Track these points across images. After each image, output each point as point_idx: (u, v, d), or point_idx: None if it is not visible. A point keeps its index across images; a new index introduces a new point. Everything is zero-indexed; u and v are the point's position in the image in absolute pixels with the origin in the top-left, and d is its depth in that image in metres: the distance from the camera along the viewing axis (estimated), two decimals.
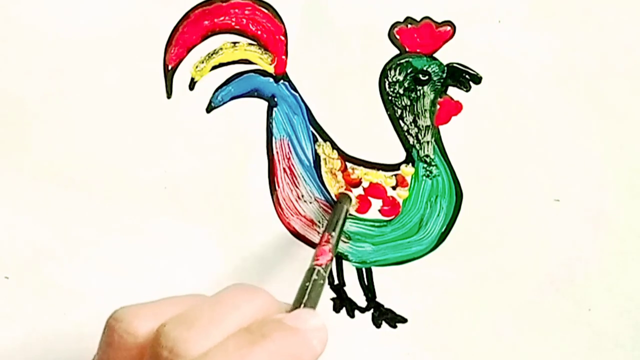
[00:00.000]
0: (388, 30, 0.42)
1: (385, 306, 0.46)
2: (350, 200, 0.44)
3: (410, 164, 0.44)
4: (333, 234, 0.40)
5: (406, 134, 0.43)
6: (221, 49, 0.43)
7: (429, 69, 0.42)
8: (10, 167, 0.45)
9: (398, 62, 0.42)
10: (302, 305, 0.34)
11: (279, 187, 0.45)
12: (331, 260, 0.38)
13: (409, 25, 0.42)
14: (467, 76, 0.42)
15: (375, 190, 0.44)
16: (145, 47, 0.43)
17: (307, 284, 0.35)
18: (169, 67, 0.44)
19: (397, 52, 0.42)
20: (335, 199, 0.45)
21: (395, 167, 0.44)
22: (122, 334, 0.31)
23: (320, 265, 0.37)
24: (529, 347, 0.46)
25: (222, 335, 0.30)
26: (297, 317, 0.32)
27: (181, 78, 0.44)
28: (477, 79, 0.42)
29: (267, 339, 0.30)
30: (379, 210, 0.45)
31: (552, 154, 0.43)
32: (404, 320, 0.46)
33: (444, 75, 0.42)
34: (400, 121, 0.43)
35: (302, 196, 0.45)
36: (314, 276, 0.36)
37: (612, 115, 0.42)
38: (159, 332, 0.30)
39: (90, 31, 0.43)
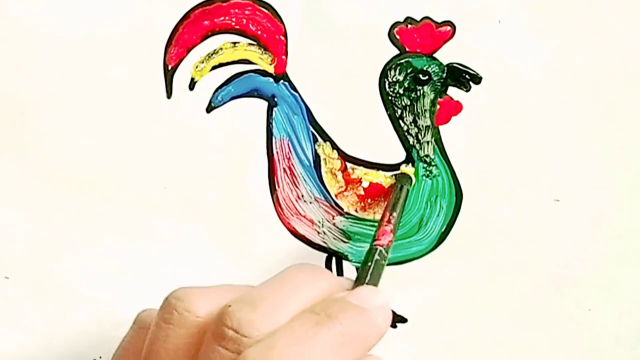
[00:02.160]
0: (388, 30, 0.42)
1: None
2: (411, 180, 0.43)
3: (410, 164, 0.44)
4: (394, 214, 0.39)
5: (406, 134, 0.43)
6: (221, 49, 0.43)
7: (429, 69, 0.42)
8: (10, 167, 0.45)
9: (398, 62, 0.42)
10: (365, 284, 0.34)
11: (279, 187, 0.45)
12: (392, 241, 0.38)
13: (409, 25, 0.42)
14: (467, 76, 0.42)
15: (375, 190, 0.44)
16: (145, 47, 0.43)
17: (368, 263, 0.35)
18: (169, 67, 0.44)
19: (397, 52, 0.42)
20: (335, 198, 0.45)
21: (395, 167, 0.44)
22: (182, 312, 0.31)
23: (382, 246, 0.36)
24: (529, 347, 0.46)
25: (286, 317, 0.30)
26: (360, 295, 0.32)
27: (181, 78, 0.44)
28: (477, 79, 0.42)
29: (334, 321, 0.30)
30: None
31: (552, 154, 0.43)
32: (404, 320, 0.46)
33: (444, 75, 0.42)
34: (400, 121, 0.43)
35: (302, 196, 0.45)
36: (376, 256, 0.35)
37: (612, 115, 0.42)
38: (223, 312, 0.30)
39: (90, 31, 0.43)
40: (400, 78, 0.43)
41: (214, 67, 0.44)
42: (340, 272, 0.46)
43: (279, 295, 0.31)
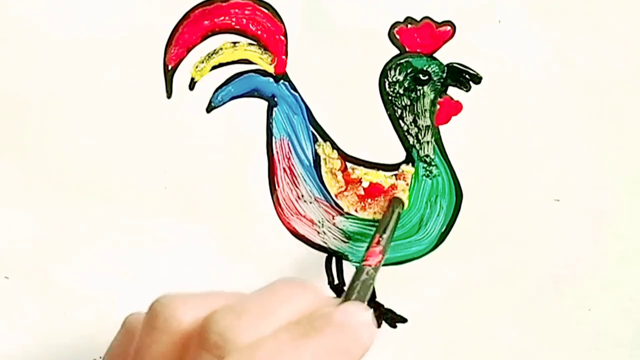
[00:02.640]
0: (388, 30, 0.42)
1: (385, 306, 0.46)
2: (403, 204, 0.44)
3: (410, 164, 0.44)
4: (384, 236, 0.40)
5: (406, 133, 0.43)
6: (221, 49, 0.43)
7: (429, 69, 0.42)
8: (10, 167, 0.45)
9: (398, 62, 0.42)
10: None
11: (279, 187, 0.45)
12: (381, 261, 0.38)
13: (409, 25, 0.42)
14: (467, 76, 0.42)
15: (375, 190, 0.44)
16: (145, 47, 0.43)
17: (356, 282, 0.35)
18: (169, 67, 0.44)
19: (397, 52, 0.42)
20: (335, 198, 0.45)
21: (395, 167, 0.44)
22: (167, 319, 0.31)
23: (369, 266, 0.37)
24: (529, 347, 0.46)
25: (271, 328, 0.30)
26: (346, 311, 0.32)
27: (181, 78, 0.44)
28: (477, 79, 0.42)
29: (319, 333, 0.30)
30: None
31: (552, 154, 0.43)
32: (404, 320, 0.46)
33: (444, 75, 0.42)
34: (400, 121, 0.43)
35: (302, 196, 0.45)
36: (364, 275, 0.36)
37: (612, 115, 0.42)
38: (208, 319, 0.30)
39: (90, 31, 0.43)
40: (400, 78, 0.43)
41: (214, 67, 0.44)
42: (340, 272, 0.46)
43: (266, 305, 0.31)
